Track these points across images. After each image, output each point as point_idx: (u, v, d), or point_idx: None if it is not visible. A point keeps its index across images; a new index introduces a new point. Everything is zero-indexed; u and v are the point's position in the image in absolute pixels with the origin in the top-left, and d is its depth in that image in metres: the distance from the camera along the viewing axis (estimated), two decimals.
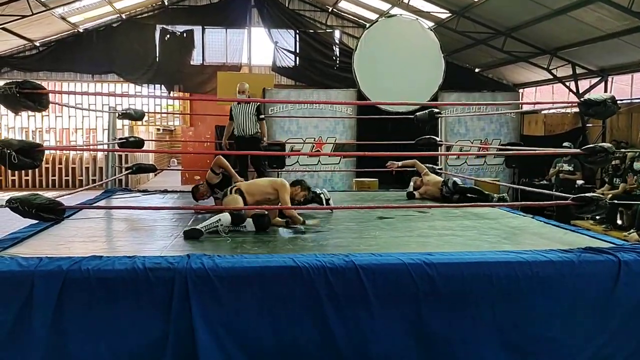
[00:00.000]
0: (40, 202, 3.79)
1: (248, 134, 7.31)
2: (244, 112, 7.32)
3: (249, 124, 7.30)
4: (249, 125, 7.29)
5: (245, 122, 7.30)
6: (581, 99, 4.60)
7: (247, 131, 7.31)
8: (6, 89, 3.85)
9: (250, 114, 7.31)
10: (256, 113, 7.33)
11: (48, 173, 16.42)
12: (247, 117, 7.30)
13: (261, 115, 7.37)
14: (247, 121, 7.29)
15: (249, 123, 7.30)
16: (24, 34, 15.22)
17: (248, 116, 7.30)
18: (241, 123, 7.34)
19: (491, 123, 12.94)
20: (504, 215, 5.87)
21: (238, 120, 7.37)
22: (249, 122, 7.30)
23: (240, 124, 7.36)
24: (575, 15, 10.68)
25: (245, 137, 7.32)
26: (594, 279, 3.61)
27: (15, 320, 3.19)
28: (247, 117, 7.30)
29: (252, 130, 7.31)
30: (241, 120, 7.34)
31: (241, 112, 7.34)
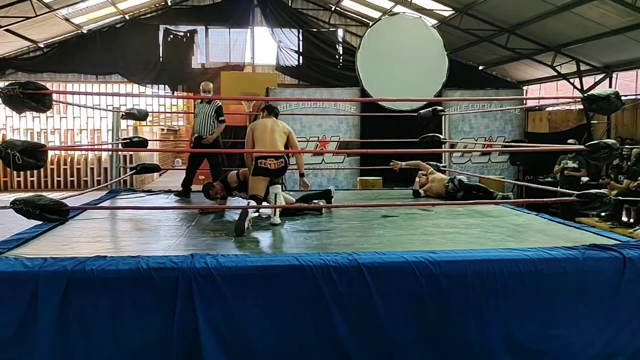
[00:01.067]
0: (44, 203, 3.80)
1: (204, 134, 7.12)
2: (203, 113, 7.14)
3: (206, 125, 7.11)
4: (206, 126, 7.10)
5: (203, 123, 7.12)
6: (585, 94, 4.57)
7: (203, 131, 7.11)
8: (10, 90, 3.86)
9: (209, 115, 7.11)
10: (215, 115, 7.13)
11: (53, 174, 16.47)
12: (205, 118, 7.11)
13: (221, 117, 7.16)
14: (205, 122, 7.11)
15: (206, 124, 7.11)
16: (27, 35, 15.28)
17: (206, 117, 7.11)
18: (199, 123, 7.18)
19: (495, 120, 12.90)
20: (508, 212, 5.85)
21: (197, 120, 7.23)
22: (206, 123, 7.11)
23: (198, 124, 7.19)
24: (579, 12, 10.64)
25: (201, 137, 7.15)
26: (598, 276, 3.60)
27: (20, 320, 3.21)
28: (205, 118, 7.11)
29: (208, 131, 7.10)
30: (199, 120, 7.17)
31: (201, 112, 7.16)
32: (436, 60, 12.20)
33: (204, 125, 7.11)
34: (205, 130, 7.11)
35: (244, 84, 15.08)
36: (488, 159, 12.89)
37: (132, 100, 17.84)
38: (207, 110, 7.11)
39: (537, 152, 11.17)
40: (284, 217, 5.38)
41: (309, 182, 12.06)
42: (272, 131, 5.33)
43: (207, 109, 7.12)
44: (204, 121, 7.11)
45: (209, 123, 7.10)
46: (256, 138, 5.31)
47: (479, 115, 12.67)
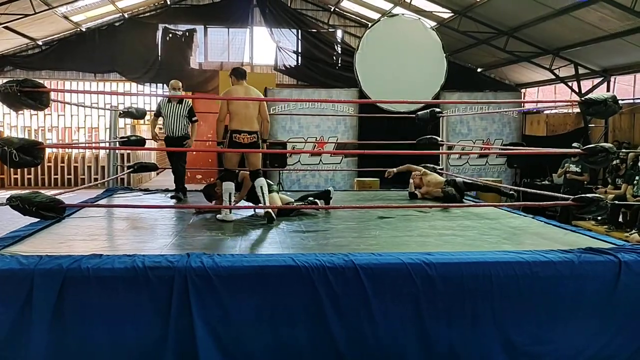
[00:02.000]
0: (40, 200, 3.80)
1: (176, 135, 6.73)
2: (174, 112, 6.72)
3: (179, 125, 6.73)
4: (179, 126, 6.73)
5: (175, 122, 6.73)
6: (582, 98, 4.59)
7: (175, 132, 6.73)
8: (7, 87, 3.86)
9: (181, 114, 6.73)
10: (188, 115, 6.77)
11: (50, 172, 16.42)
12: (177, 117, 6.73)
13: (194, 117, 6.82)
14: (177, 121, 6.73)
15: (178, 123, 6.73)
16: (26, 32, 15.24)
17: (178, 116, 6.73)
18: (170, 123, 6.75)
19: (493, 123, 12.92)
20: (504, 215, 5.86)
21: (167, 120, 6.77)
22: (178, 123, 6.73)
23: (169, 124, 6.76)
24: (578, 15, 10.66)
25: (173, 138, 6.75)
26: (594, 279, 3.61)
27: (15, 318, 3.21)
28: (177, 117, 6.73)
29: (181, 131, 6.74)
30: (170, 119, 6.75)
31: (171, 111, 6.73)
32: (435, 62, 12.22)
33: (177, 125, 6.74)
34: (177, 130, 6.74)
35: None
36: (485, 161, 12.91)
37: (130, 99, 17.82)
38: (178, 110, 6.74)
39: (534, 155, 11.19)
40: (280, 217, 5.39)
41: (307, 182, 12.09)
42: (247, 106, 5.44)
43: (179, 109, 6.75)
44: (177, 121, 6.74)
45: (182, 123, 6.76)
46: (231, 111, 5.43)
47: (477, 118, 12.69)
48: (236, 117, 5.40)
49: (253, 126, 5.44)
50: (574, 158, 9.74)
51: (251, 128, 5.41)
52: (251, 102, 5.46)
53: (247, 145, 5.40)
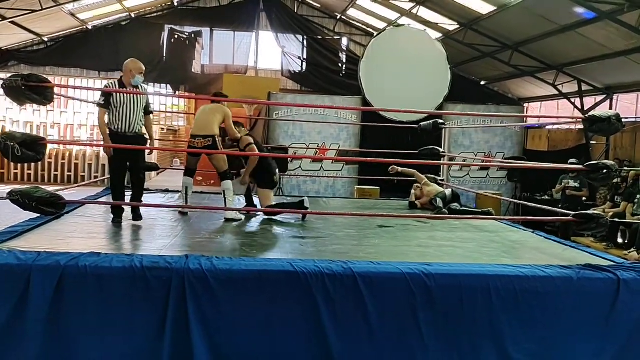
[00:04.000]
0: (41, 195, 3.79)
1: (131, 131, 5.09)
2: (131, 102, 5.05)
3: (135, 119, 5.10)
4: (135, 120, 5.08)
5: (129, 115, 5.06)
6: (586, 115, 4.59)
7: (130, 127, 5.07)
8: (12, 82, 3.86)
9: (138, 105, 5.13)
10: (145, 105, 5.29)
11: (50, 168, 16.43)
12: (134, 109, 5.08)
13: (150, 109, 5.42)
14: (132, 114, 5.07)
15: (134, 117, 5.09)
16: (32, 28, 15.28)
17: (136, 108, 5.11)
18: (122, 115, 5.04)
19: (495, 136, 12.92)
20: (504, 228, 5.85)
21: (118, 111, 5.03)
22: (134, 116, 5.09)
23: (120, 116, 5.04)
24: (583, 32, 10.70)
25: (127, 136, 5.07)
26: (592, 296, 3.60)
27: (11, 313, 3.19)
28: (134, 109, 5.08)
29: (136, 127, 5.12)
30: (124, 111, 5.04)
31: (127, 101, 5.03)
32: (439, 73, 12.23)
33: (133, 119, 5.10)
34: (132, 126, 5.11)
35: (246, 87, 15.09)
36: (486, 174, 12.90)
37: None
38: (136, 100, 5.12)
39: (535, 169, 11.19)
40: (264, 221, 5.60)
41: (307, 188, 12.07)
42: (205, 112, 6.00)
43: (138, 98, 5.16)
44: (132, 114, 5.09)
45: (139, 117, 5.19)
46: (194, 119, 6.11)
47: (479, 130, 12.69)
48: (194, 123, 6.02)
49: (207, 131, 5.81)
50: (572, 174, 9.73)
51: (205, 132, 5.81)
52: (208, 108, 6.04)
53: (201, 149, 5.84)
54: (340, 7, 17.18)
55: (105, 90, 5.15)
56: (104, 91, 5.16)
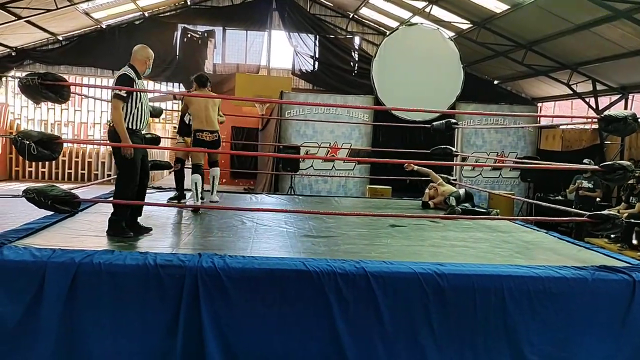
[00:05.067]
0: (56, 193, 3.82)
1: (144, 128, 4.70)
2: (146, 97, 4.68)
3: (148, 115, 4.76)
4: (148, 117, 4.73)
5: (146, 111, 4.63)
6: (601, 114, 4.54)
7: (145, 124, 4.67)
8: (28, 80, 3.90)
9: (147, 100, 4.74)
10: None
11: (64, 166, 16.60)
12: (147, 104, 4.70)
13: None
14: (147, 110, 4.68)
15: (148, 113, 4.72)
16: (47, 27, 15.42)
17: (148, 103, 4.75)
18: (141, 111, 4.54)
19: (508, 136, 12.85)
20: (517, 229, 5.81)
21: (138, 106, 4.49)
22: (148, 113, 4.73)
23: (138, 113, 4.50)
24: (598, 32, 10.59)
25: (145, 137, 5.05)
26: (607, 298, 3.56)
27: (27, 309, 3.22)
28: (147, 104, 4.70)
29: (146, 123, 4.71)
30: (142, 106, 4.54)
31: (144, 95, 4.62)
32: (452, 72, 12.18)
33: (147, 114, 4.65)
34: (146, 122, 4.68)
35: (259, 86, 15.13)
36: (499, 174, 12.83)
37: (146, 97, 17.94)
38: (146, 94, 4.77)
39: (548, 169, 11.11)
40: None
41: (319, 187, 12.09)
42: (209, 107, 6.07)
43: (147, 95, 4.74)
44: (147, 109, 4.65)
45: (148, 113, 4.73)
46: (191, 112, 6.11)
47: (492, 130, 12.63)
48: (197, 119, 6.04)
49: (214, 126, 6.08)
50: (586, 174, 9.64)
51: (213, 127, 6.07)
52: (211, 103, 6.11)
53: (209, 143, 6.04)
54: (353, 6, 17.15)
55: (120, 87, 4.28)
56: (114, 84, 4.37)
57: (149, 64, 4.66)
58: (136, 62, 4.57)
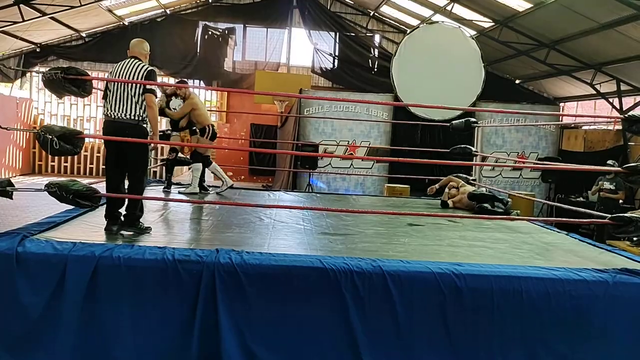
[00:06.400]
0: (77, 188, 3.86)
1: (122, 116, 4.38)
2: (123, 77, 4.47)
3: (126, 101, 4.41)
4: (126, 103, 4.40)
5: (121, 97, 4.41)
6: (625, 115, 4.46)
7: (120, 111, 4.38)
8: (52, 74, 3.95)
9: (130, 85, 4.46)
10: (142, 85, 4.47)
11: (86, 161, 16.83)
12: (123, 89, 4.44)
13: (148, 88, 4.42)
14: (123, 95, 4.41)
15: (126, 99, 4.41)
16: (71, 24, 15.62)
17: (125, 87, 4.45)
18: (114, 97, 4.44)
19: (529, 136, 12.69)
20: (537, 230, 5.74)
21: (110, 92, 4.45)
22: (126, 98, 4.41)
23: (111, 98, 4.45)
24: (623, 31, 10.39)
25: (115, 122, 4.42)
26: (628, 301, 3.51)
27: (48, 301, 3.28)
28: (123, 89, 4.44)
29: (129, 112, 4.39)
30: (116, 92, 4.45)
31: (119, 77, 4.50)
32: (472, 71, 12.07)
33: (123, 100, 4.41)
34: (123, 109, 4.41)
35: (278, 83, 15.14)
36: (519, 174, 12.69)
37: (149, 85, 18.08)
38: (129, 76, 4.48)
39: (570, 171, 10.95)
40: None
41: (337, 185, 12.09)
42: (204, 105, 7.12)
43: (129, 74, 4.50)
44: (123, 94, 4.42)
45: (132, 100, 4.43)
46: (198, 114, 6.81)
47: (512, 130, 12.48)
48: (204, 114, 6.91)
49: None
50: (609, 175, 9.49)
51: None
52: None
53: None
54: (374, 4, 17.08)
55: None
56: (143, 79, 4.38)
57: (148, 57, 4.79)
58: (141, 56, 4.65)
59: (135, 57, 4.58)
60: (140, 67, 4.44)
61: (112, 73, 4.53)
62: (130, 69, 4.45)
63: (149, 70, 4.45)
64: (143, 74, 4.41)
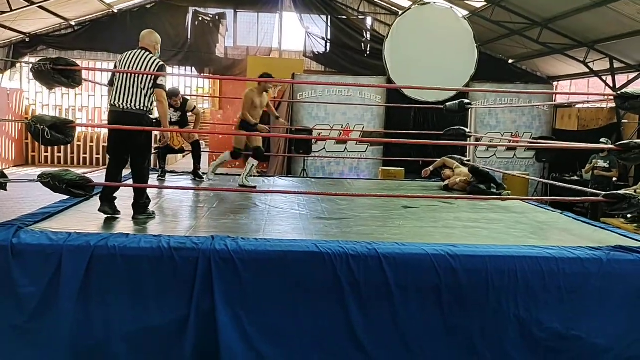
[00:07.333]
0: (71, 178, 3.86)
1: (127, 106, 4.38)
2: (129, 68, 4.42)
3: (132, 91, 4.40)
4: (131, 93, 4.39)
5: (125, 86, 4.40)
6: (618, 92, 4.46)
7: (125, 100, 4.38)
8: (40, 65, 3.92)
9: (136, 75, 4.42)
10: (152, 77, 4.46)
11: (80, 150, 16.74)
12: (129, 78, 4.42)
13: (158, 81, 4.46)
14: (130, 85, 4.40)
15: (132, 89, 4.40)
16: (60, 12, 15.44)
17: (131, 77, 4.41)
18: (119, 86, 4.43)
19: (523, 116, 12.70)
20: (531, 209, 5.77)
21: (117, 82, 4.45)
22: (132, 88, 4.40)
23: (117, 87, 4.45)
24: (615, 8, 10.36)
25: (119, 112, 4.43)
26: (622, 278, 3.54)
27: (44, 292, 3.28)
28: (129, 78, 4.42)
29: (135, 101, 4.39)
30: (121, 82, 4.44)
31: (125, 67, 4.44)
32: (465, 52, 12.03)
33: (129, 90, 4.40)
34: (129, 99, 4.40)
35: (271, 68, 14.96)
36: (514, 154, 12.72)
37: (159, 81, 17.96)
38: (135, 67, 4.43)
39: (564, 149, 10.98)
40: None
41: (332, 169, 12.08)
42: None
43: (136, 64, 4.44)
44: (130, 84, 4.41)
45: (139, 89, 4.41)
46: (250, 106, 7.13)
47: (506, 110, 12.48)
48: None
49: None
50: (602, 154, 9.52)
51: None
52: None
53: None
54: None
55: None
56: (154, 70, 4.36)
57: (157, 49, 4.66)
58: (150, 47, 4.58)
59: (145, 48, 4.54)
60: (151, 60, 4.42)
61: (120, 61, 4.49)
62: (139, 61, 4.41)
63: (160, 64, 4.45)
64: (154, 68, 4.39)
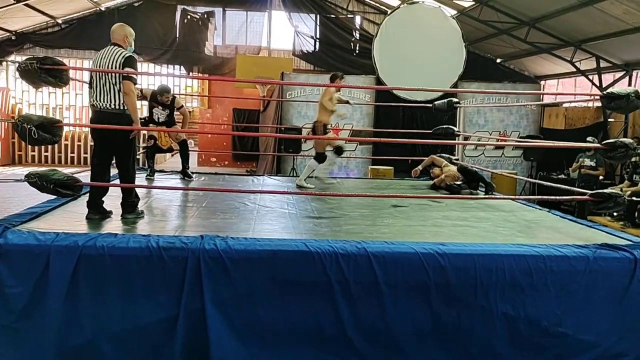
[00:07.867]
0: (58, 177, 3.83)
1: (104, 106, 4.36)
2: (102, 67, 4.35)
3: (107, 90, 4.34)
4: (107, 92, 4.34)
5: (101, 85, 4.35)
6: (604, 92, 4.51)
7: (102, 100, 4.35)
8: (27, 65, 3.89)
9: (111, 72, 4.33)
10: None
11: (67, 150, 16.62)
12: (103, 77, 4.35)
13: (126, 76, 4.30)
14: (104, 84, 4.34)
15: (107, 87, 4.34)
16: (46, 10, 15.31)
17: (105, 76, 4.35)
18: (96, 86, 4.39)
19: (511, 115, 12.79)
20: (519, 208, 5.82)
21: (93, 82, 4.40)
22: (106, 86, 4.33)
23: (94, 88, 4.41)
24: (602, 7, 10.46)
25: (100, 111, 4.40)
26: (608, 275, 3.58)
27: (31, 292, 3.26)
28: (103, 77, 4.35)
29: (110, 101, 4.34)
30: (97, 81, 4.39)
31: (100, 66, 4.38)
32: (454, 51, 12.08)
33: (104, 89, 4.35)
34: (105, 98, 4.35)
35: (259, 67, 15.04)
36: (501, 153, 12.81)
37: (147, 80, 17.86)
38: (108, 65, 4.33)
39: (551, 148, 11.07)
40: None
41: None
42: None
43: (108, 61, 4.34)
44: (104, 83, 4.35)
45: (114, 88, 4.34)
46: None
47: (494, 109, 12.56)
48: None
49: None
50: (589, 152, 9.61)
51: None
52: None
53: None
54: None
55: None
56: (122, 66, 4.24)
57: (129, 41, 4.55)
58: (120, 42, 4.49)
59: (116, 43, 4.47)
60: (119, 54, 4.34)
61: (94, 61, 4.44)
62: (110, 57, 4.35)
63: (126, 57, 4.34)
64: (121, 61, 4.31)
